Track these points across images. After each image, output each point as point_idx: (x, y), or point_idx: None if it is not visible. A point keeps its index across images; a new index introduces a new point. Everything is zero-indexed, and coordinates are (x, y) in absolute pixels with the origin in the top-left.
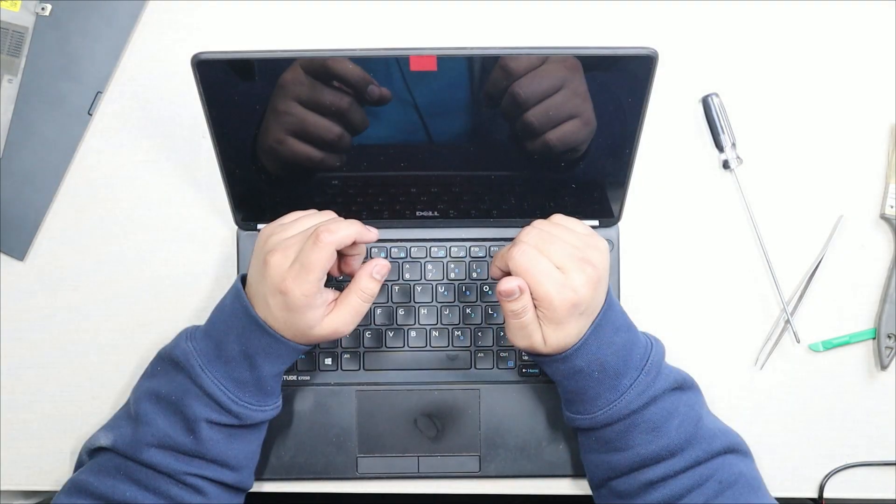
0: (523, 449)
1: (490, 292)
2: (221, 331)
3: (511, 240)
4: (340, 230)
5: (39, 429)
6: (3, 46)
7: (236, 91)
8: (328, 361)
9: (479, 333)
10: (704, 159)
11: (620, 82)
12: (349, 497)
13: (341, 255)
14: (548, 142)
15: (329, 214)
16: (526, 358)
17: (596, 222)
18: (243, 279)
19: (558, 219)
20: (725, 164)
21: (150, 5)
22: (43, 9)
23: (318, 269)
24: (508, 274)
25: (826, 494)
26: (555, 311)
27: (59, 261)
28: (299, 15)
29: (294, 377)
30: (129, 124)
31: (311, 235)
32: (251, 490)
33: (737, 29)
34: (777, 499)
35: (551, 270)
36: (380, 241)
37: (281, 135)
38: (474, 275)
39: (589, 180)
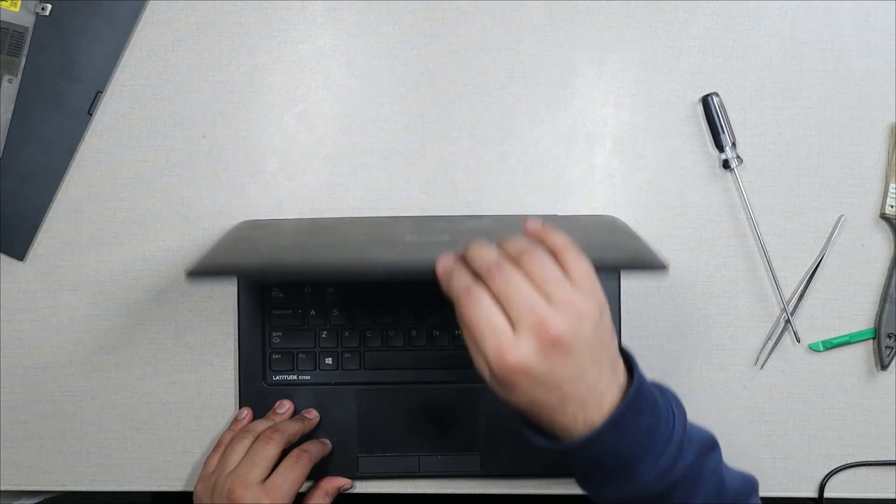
0: (524, 448)
1: None
2: None
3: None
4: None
5: (39, 429)
6: (3, 46)
7: None
8: (329, 361)
9: None
10: (704, 159)
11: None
12: (349, 497)
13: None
14: None
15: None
16: None
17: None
18: None
19: (553, 245)
20: (725, 164)
21: (150, 5)
22: (43, 9)
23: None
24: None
25: (826, 494)
26: (494, 377)
27: (59, 261)
28: (300, 15)
29: (294, 377)
30: (129, 124)
31: (262, 435)
32: None
33: (737, 29)
34: (777, 499)
35: (497, 326)
36: None
37: None
38: None
39: None
